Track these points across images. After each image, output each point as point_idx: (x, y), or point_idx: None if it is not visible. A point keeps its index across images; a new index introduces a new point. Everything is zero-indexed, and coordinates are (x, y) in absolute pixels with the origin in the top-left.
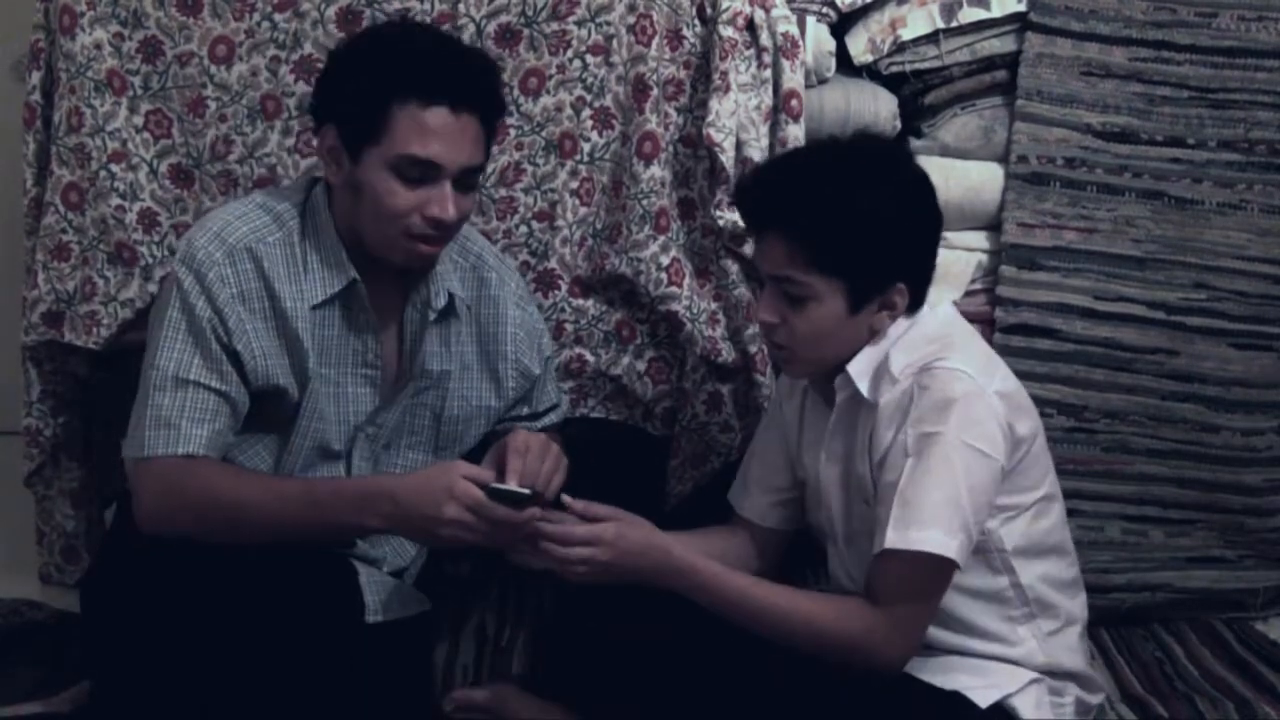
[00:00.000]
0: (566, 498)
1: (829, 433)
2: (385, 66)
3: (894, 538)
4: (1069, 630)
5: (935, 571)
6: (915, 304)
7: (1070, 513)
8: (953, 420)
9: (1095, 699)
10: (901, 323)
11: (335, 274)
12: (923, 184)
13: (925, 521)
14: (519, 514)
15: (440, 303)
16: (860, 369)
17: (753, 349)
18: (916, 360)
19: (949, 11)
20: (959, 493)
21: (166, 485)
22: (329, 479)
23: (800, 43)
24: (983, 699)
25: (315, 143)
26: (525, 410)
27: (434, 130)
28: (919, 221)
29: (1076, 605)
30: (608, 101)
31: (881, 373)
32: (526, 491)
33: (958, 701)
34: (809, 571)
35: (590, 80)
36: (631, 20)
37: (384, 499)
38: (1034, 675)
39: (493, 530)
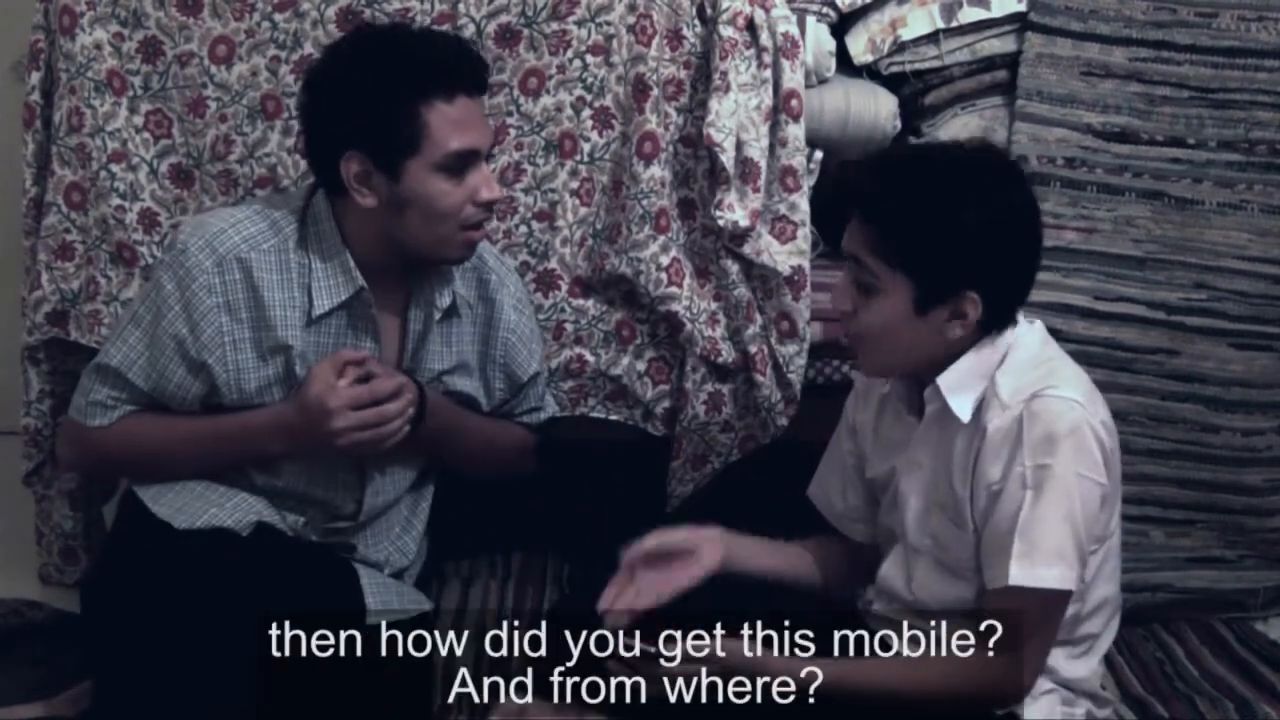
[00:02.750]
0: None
1: (915, 441)
2: (399, 77)
3: (1021, 575)
4: (1093, 655)
5: (1059, 603)
6: (1000, 321)
7: None
8: (1068, 452)
9: (1103, 713)
10: (999, 343)
11: (342, 282)
12: (1018, 206)
13: (1050, 559)
14: (398, 381)
15: (445, 302)
16: (951, 383)
17: (753, 349)
18: (1026, 386)
19: (949, 11)
20: (1077, 525)
21: (84, 447)
22: (237, 415)
23: (800, 43)
24: None
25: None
26: (505, 410)
27: (464, 120)
28: (1001, 236)
29: (1108, 631)
30: (608, 101)
31: (989, 397)
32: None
33: None
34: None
35: (590, 80)
36: (631, 20)
37: (279, 431)
38: (1050, 686)
39: (384, 415)
